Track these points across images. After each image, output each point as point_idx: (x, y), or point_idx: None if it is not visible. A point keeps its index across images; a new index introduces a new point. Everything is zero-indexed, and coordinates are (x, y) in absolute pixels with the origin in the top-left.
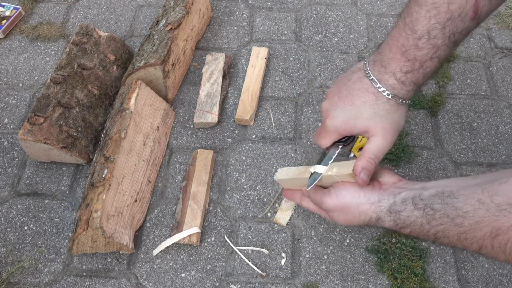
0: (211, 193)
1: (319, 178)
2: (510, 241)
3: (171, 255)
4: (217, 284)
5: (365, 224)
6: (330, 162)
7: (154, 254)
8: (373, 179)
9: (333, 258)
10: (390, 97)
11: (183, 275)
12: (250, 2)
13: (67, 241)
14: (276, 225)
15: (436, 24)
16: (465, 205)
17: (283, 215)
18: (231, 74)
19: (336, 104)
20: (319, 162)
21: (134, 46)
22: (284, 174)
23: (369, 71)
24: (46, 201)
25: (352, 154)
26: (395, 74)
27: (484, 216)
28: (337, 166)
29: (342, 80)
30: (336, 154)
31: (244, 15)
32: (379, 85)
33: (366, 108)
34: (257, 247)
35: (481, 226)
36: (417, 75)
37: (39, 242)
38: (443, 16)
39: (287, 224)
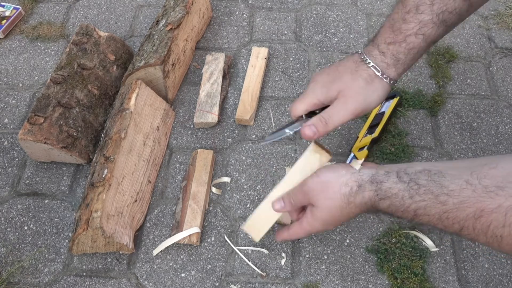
0: (211, 193)
1: (283, 135)
2: (493, 223)
3: (171, 255)
4: (217, 284)
5: (348, 212)
6: (295, 129)
7: (154, 254)
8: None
9: (333, 258)
10: (370, 65)
11: (183, 275)
12: (250, 2)
13: (67, 241)
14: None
15: (425, 0)
16: (451, 184)
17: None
18: (231, 74)
19: (324, 71)
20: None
21: (134, 46)
22: (250, 220)
23: (362, 48)
24: (46, 201)
25: (352, 154)
26: (379, 45)
27: (470, 196)
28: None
29: (338, 63)
30: (301, 124)
31: (244, 15)
32: (363, 55)
33: (346, 74)
34: (257, 247)
35: (466, 206)
36: (398, 49)
37: (39, 242)
38: None
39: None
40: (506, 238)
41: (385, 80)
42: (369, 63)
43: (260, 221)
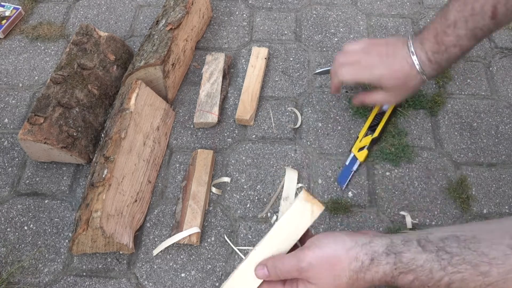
0: (211, 193)
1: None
2: None
3: (171, 255)
4: (217, 284)
5: (355, 284)
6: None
7: (154, 254)
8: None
9: None
10: (419, 70)
11: (183, 275)
12: (250, 2)
13: (67, 241)
14: None
15: (462, 17)
16: (491, 251)
17: None
18: (231, 74)
19: (381, 56)
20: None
21: (134, 46)
22: (228, 283)
23: (411, 44)
24: (46, 201)
25: (352, 154)
26: (427, 52)
27: None
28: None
29: (391, 41)
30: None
31: (244, 15)
32: (415, 57)
33: (403, 74)
34: None
35: None
36: (441, 57)
37: (39, 242)
38: (468, 12)
39: None
40: None
41: (425, 78)
42: (420, 68)
43: (239, 285)
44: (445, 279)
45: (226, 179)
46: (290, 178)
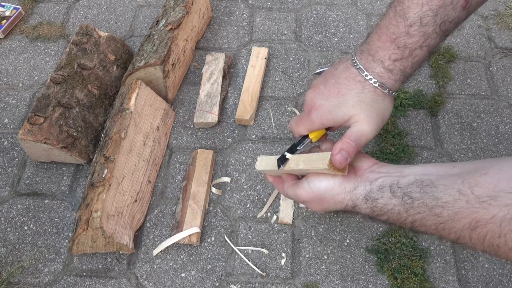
0: (211, 193)
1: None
2: (489, 234)
3: (171, 255)
4: (217, 284)
5: (342, 210)
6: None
7: (154, 254)
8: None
9: (333, 258)
10: (377, 85)
11: (183, 275)
12: (250, 2)
13: (67, 241)
14: (276, 225)
15: (428, 11)
16: (444, 195)
17: (286, 214)
18: (231, 74)
19: (322, 93)
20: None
21: (134, 46)
22: (264, 164)
23: (356, 61)
24: (46, 201)
25: (309, 139)
26: (383, 62)
27: (464, 207)
28: (310, 159)
29: (329, 71)
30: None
31: (244, 15)
32: (366, 73)
33: (352, 96)
34: (257, 247)
35: (460, 217)
36: (405, 64)
37: (39, 242)
38: (435, 3)
39: (292, 222)
40: (503, 247)
41: (392, 94)
42: (375, 82)
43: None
44: (409, 219)
45: (226, 179)
46: None
